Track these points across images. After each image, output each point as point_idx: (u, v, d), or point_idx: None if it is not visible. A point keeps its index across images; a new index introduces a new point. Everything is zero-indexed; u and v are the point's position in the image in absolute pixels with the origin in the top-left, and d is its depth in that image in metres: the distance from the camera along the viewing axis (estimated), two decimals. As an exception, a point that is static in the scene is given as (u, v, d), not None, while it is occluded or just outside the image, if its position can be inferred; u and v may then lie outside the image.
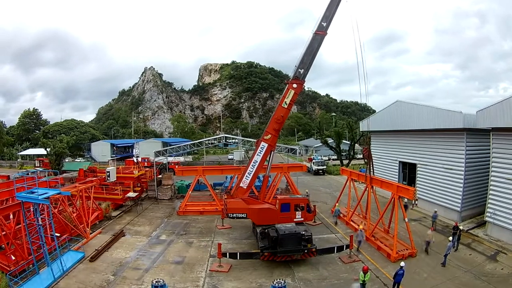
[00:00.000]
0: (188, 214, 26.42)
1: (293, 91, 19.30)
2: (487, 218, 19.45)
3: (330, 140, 59.26)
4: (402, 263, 14.25)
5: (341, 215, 24.01)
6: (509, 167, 18.36)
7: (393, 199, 18.19)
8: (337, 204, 24.34)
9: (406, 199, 27.26)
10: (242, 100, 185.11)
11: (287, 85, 19.56)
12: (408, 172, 28.95)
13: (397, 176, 29.57)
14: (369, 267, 16.05)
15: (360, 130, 39.34)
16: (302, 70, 19.22)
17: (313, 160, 52.28)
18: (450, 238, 17.08)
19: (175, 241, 20.60)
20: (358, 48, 18.97)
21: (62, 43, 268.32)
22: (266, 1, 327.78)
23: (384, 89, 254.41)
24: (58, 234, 18.10)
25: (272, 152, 20.36)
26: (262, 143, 19.78)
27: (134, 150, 75.02)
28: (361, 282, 13.75)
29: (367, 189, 20.85)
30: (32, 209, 16.13)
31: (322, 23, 18.90)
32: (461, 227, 18.77)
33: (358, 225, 19.83)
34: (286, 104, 19.48)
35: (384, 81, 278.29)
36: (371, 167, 20.47)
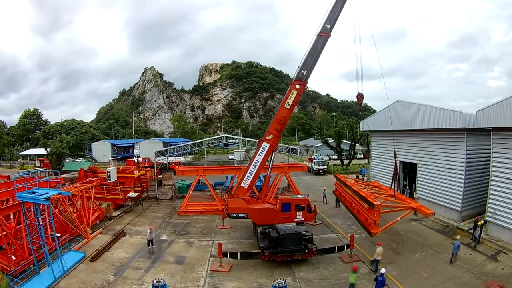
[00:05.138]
0: (188, 214, 26.44)
1: (295, 92, 19.29)
2: (487, 218, 19.43)
3: (330, 140, 59.34)
4: (383, 270, 13.38)
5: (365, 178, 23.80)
6: (510, 167, 18.31)
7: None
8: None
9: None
10: (243, 100, 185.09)
11: (290, 86, 19.55)
12: (409, 172, 28.92)
13: (397, 176, 29.43)
14: (367, 268, 16.14)
15: (361, 130, 39.31)
16: (305, 71, 19.18)
17: (314, 160, 52.28)
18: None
19: (176, 241, 20.64)
20: (358, 48, 19.12)
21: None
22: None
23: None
24: (59, 234, 18.09)
25: (274, 153, 20.37)
26: (264, 143, 19.77)
27: (134, 150, 75.12)
28: (350, 283, 13.40)
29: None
30: (32, 209, 16.12)
31: (326, 25, 18.89)
32: (480, 222, 18.57)
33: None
34: (289, 104, 19.47)
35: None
36: (397, 181, 21.40)
